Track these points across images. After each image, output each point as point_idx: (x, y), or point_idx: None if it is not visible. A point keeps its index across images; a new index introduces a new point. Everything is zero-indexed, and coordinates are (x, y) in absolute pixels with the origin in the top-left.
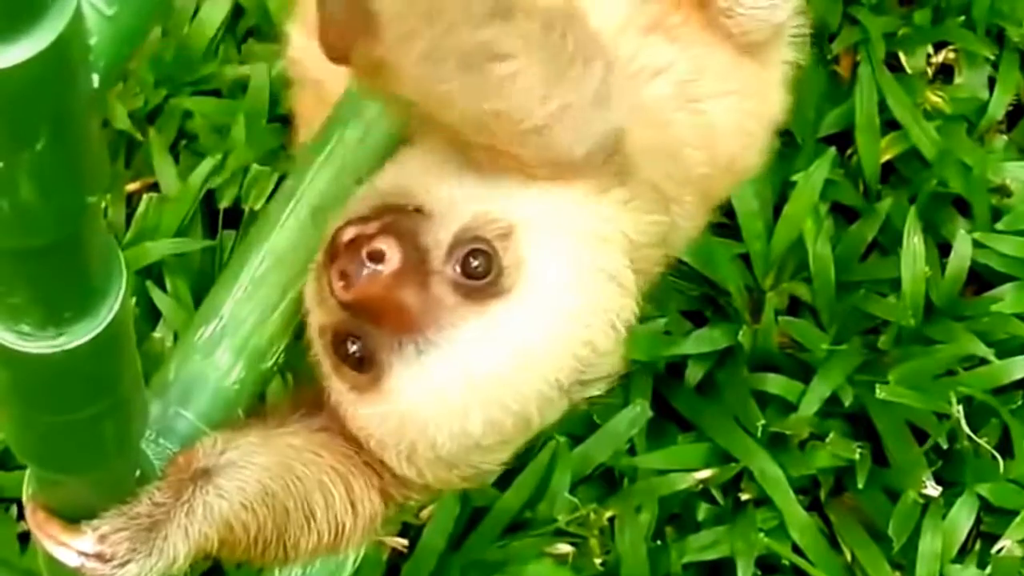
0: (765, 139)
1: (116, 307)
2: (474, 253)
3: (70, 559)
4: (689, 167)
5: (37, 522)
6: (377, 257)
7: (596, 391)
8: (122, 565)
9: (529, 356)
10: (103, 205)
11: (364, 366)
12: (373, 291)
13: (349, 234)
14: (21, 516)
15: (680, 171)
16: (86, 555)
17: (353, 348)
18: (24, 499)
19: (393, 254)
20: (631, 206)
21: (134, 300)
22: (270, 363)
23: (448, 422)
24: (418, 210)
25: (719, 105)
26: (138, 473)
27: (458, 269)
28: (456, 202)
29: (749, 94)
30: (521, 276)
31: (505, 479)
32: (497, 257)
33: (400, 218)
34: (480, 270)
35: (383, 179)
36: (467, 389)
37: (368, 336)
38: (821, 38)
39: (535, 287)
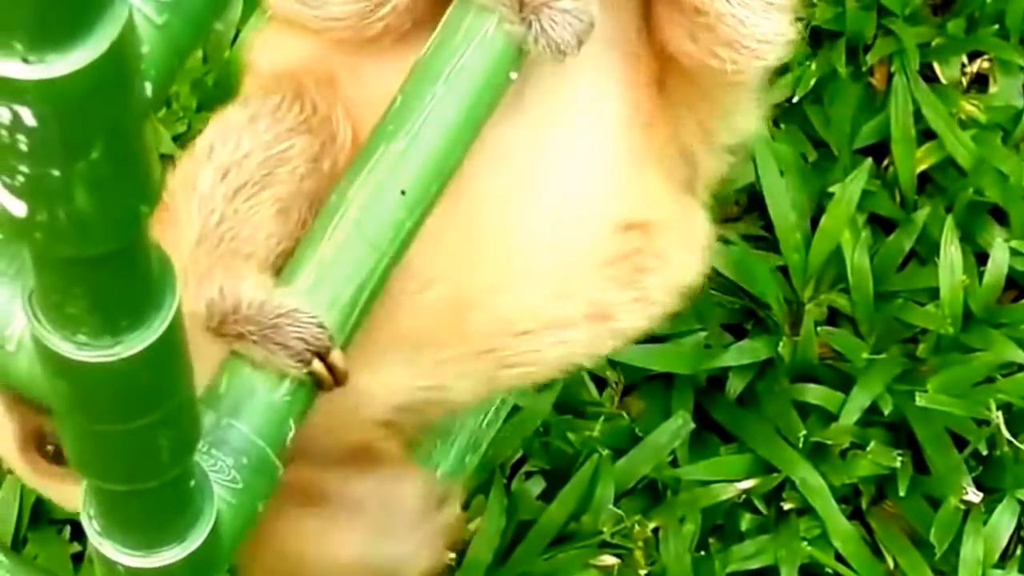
0: None
1: (170, 316)
2: None
3: None
4: None
5: None
6: None
7: None
8: None
9: None
10: None
11: None
12: None
13: None
14: (74, 536)
15: None
16: None
17: None
18: (83, 519)
19: None
20: None
21: None
22: None
23: None
24: None
25: None
26: (193, 483)
27: None
28: None
29: None
30: None
31: (549, 492)
32: None
33: None
34: None
35: None
36: None
37: None
38: (856, 50)
39: None
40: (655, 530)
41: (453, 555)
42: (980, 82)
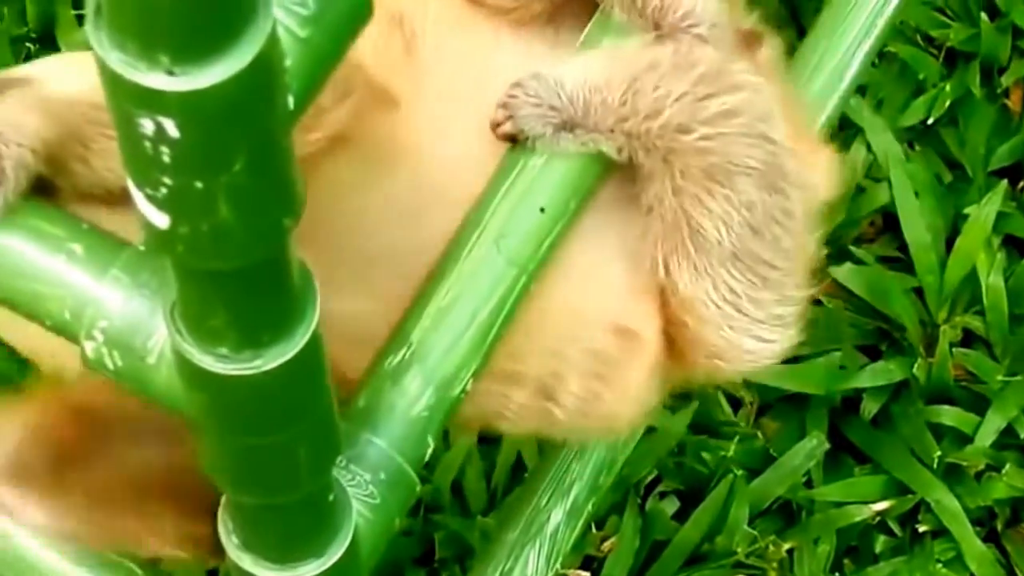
0: None
1: (311, 330)
2: None
3: None
4: None
5: None
6: None
7: None
8: None
9: None
10: None
11: None
12: None
13: None
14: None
15: None
16: None
17: None
18: (221, 533)
19: None
20: None
21: None
22: (458, 390)
23: None
24: None
25: None
26: (331, 498)
27: None
28: None
29: None
30: None
31: (684, 512)
32: None
33: None
34: None
35: None
36: None
37: None
38: (991, 72)
39: None
40: (790, 551)
41: (587, 574)
42: None
